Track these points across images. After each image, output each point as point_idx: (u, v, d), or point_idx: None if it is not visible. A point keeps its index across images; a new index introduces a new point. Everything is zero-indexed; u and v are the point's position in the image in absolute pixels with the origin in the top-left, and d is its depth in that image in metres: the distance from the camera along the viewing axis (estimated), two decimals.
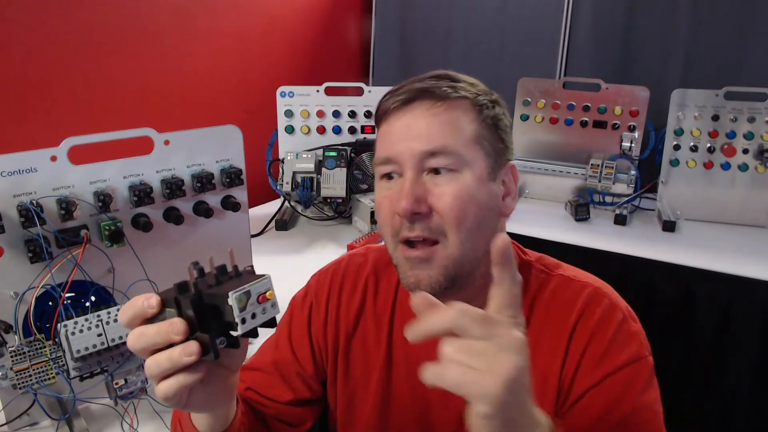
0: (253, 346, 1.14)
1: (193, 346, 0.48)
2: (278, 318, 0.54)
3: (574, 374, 0.70)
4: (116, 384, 0.85)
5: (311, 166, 1.76)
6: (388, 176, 0.70)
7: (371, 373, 0.81)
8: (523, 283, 0.72)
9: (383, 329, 0.80)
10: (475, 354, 0.45)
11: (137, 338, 0.50)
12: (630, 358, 0.69)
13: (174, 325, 0.48)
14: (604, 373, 0.68)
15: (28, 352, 0.82)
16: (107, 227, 0.88)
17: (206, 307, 0.49)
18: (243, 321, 0.48)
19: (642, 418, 0.67)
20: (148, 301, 0.50)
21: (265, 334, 1.14)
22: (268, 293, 0.51)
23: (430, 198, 0.66)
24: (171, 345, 0.49)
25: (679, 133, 1.86)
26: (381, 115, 0.72)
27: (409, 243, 0.68)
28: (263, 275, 0.52)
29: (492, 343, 0.46)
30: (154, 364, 0.49)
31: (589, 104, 2.02)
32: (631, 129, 1.97)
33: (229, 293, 0.47)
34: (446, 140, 0.67)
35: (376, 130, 0.75)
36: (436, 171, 0.67)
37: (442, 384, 0.46)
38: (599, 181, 1.92)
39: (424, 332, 0.48)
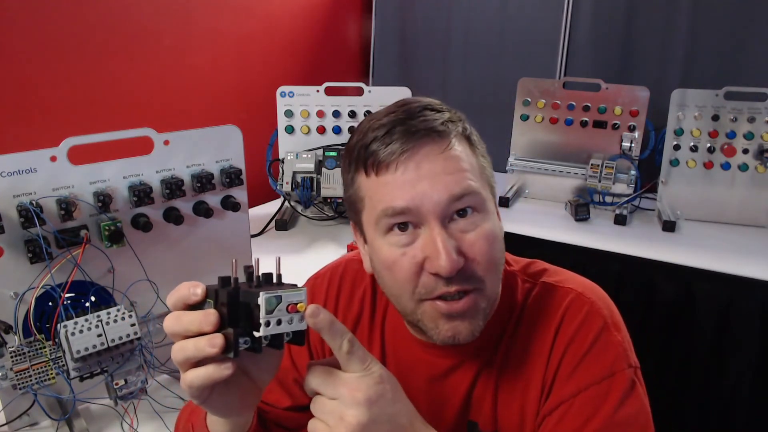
0: None
1: (218, 338, 0.49)
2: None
3: (551, 384, 0.68)
4: (116, 384, 0.85)
5: (311, 166, 1.76)
6: (398, 227, 0.63)
7: None
8: (509, 294, 0.73)
9: (376, 342, 0.80)
10: (326, 412, 0.54)
11: (174, 321, 0.51)
12: (605, 372, 0.66)
13: (207, 316, 0.50)
14: (577, 387, 0.66)
15: (28, 352, 0.81)
16: (107, 227, 0.88)
17: (240, 304, 0.50)
18: (267, 323, 0.49)
19: None
20: (194, 288, 0.52)
21: None
22: (299, 305, 0.50)
23: (463, 247, 0.61)
24: (200, 335, 0.50)
25: (679, 133, 1.86)
26: (372, 166, 0.63)
27: (443, 297, 0.63)
28: (302, 288, 0.51)
29: (339, 401, 0.54)
30: (179, 348, 0.51)
31: (589, 104, 2.02)
32: (631, 129, 1.97)
33: (261, 293, 0.48)
34: (468, 180, 0.62)
35: (356, 179, 0.66)
36: (457, 215, 0.62)
37: None
38: (599, 181, 1.92)
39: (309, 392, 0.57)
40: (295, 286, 0.52)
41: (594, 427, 0.65)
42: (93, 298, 0.88)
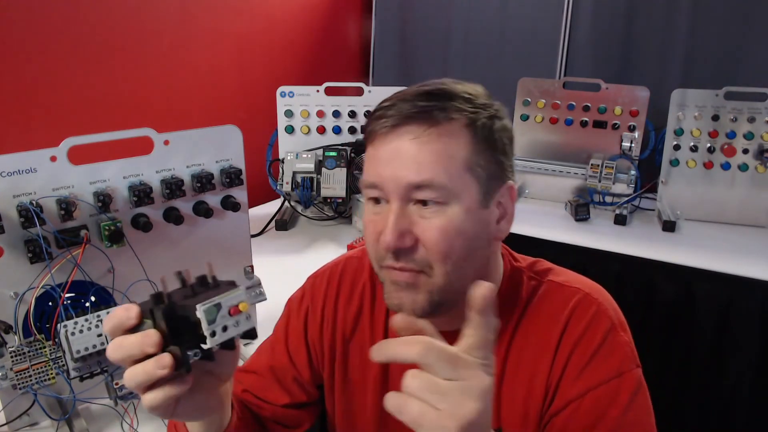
0: (251, 346, 1.14)
1: (166, 358, 0.47)
2: (259, 328, 0.53)
3: (557, 383, 0.69)
4: (116, 384, 0.85)
5: (311, 166, 1.76)
6: (375, 200, 0.68)
7: (368, 378, 0.80)
8: (514, 291, 0.74)
9: (379, 334, 0.80)
10: (438, 393, 0.46)
11: (115, 349, 0.49)
12: (614, 372, 0.67)
13: (148, 337, 0.48)
14: (586, 387, 0.67)
15: (28, 352, 0.81)
16: (107, 227, 0.88)
17: (179, 318, 0.48)
18: (213, 334, 0.47)
19: None
20: (128, 311, 0.49)
21: (263, 334, 1.14)
22: (240, 305, 0.49)
23: (415, 229, 0.63)
24: (149, 356, 0.48)
25: (679, 133, 1.86)
26: (369, 136, 0.68)
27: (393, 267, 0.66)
28: (237, 287, 0.50)
29: (457, 385, 0.46)
30: (130, 375, 0.49)
31: (589, 104, 2.02)
32: (631, 129, 1.97)
33: (197, 306, 0.46)
34: (434, 173, 0.62)
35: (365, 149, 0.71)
36: (421, 201, 0.64)
37: (400, 417, 0.46)
38: (599, 181, 1.92)
39: (388, 358, 0.49)
40: (232, 284, 0.51)
41: (604, 427, 0.65)
42: (93, 298, 0.88)
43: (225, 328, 0.48)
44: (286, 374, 0.83)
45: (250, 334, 0.51)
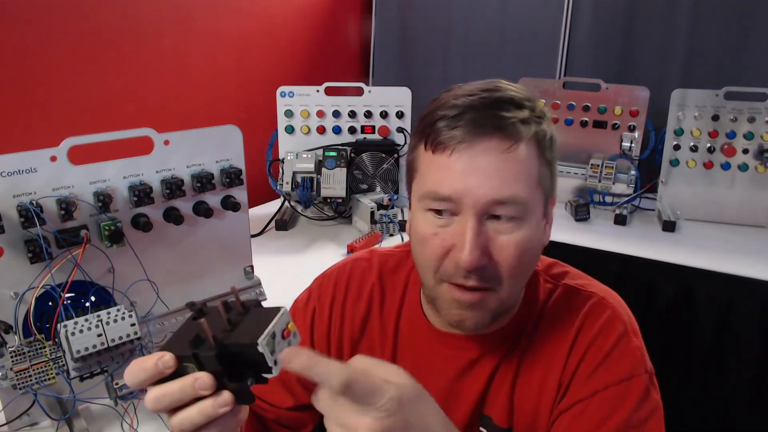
0: None
1: (227, 397, 0.46)
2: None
3: (569, 383, 0.69)
4: (116, 384, 0.85)
5: (311, 166, 1.76)
6: (438, 212, 0.64)
7: None
8: (531, 293, 0.74)
9: (388, 337, 0.79)
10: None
11: (159, 399, 0.47)
12: (624, 375, 0.67)
13: (201, 381, 0.46)
14: (595, 388, 0.67)
15: (28, 352, 0.81)
16: (107, 227, 0.88)
17: (232, 356, 0.46)
18: (275, 362, 0.46)
19: None
20: (163, 361, 0.46)
21: None
22: (290, 325, 0.48)
23: (491, 247, 0.62)
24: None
25: (679, 133, 1.86)
26: (435, 143, 0.63)
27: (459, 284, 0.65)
28: (278, 308, 0.48)
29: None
30: (186, 420, 0.47)
31: (589, 104, 2.02)
32: (631, 129, 1.97)
33: (258, 341, 0.45)
34: (518, 189, 0.61)
35: (418, 146, 0.67)
36: (497, 218, 0.62)
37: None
38: (599, 181, 1.92)
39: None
40: (259, 304, 0.50)
41: (609, 427, 0.65)
42: (93, 298, 0.88)
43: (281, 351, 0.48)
44: (290, 375, 0.82)
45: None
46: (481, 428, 0.75)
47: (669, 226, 1.82)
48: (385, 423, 0.46)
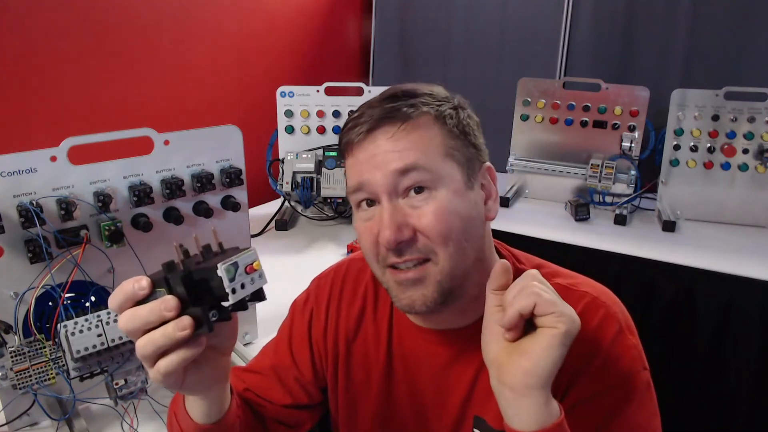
0: (254, 347, 1.14)
1: (186, 320, 0.49)
2: (267, 290, 0.56)
3: (567, 386, 0.68)
4: (116, 384, 0.85)
5: (311, 166, 1.76)
6: (365, 203, 0.69)
7: (372, 377, 0.80)
8: None
9: (383, 334, 0.80)
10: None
11: (130, 319, 0.50)
12: (622, 374, 0.68)
13: (166, 302, 0.49)
14: (595, 389, 0.67)
15: (28, 352, 0.82)
16: (107, 227, 0.88)
17: (196, 282, 0.51)
18: (233, 291, 0.50)
19: None
20: (139, 283, 0.51)
21: (263, 333, 1.14)
22: (255, 264, 0.53)
23: (410, 220, 0.65)
24: (162, 324, 0.50)
25: (679, 133, 1.86)
26: (345, 148, 0.70)
27: (396, 266, 0.67)
28: (248, 248, 0.54)
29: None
30: (148, 342, 0.50)
31: (589, 104, 2.02)
32: (631, 129, 1.97)
33: (218, 265, 0.50)
34: (416, 157, 0.65)
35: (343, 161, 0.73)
36: (410, 191, 0.65)
37: (538, 299, 0.55)
38: (599, 181, 1.92)
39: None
40: (237, 249, 0.55)
41: (613, 428, 0.66)
42: (93, 298, 0.88)
43: (243, 286, 0.52)
44: (288, 374, 0.83)
45: (260, 296, 0.54)
46: (475, 429, 0.74)
47: (669, 226, 1.82)
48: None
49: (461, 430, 0.75)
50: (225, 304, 0.51)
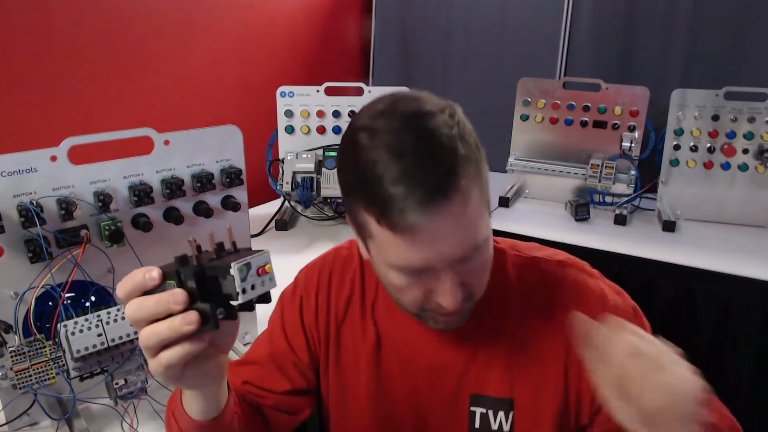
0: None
1: (193, 315, 0.50)
2: (273, 294, 0.56)
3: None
4: (116, 384, 0.85)
5: (311, 166, 1.76)
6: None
7: (361, 361, 0.82)
8: (498, 270, 0.77)
9: (369, 318, 0.83)
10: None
11: (137, 308, 0.51)
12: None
13: (175, 295, 0.50)
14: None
15: (28, 352, 0.82)
16: (107, 227, 0.88)
17: (207, 278, 0.51)
18: (243, 291, 0.51)
19: None
20: (150, 273, 0.51)
21: (263, 329, 1.14)
22: (267, 266, 0.53)
23: (466, 280, 0.66)
24: (169, 316, 0.50)
25: (679, 133, 1.86)
26: (393, 223, 0.59)
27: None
28: (262, 250, 0.54)
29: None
30: (153, 333, 0.50)
31: (589, 104, 2.02)
32: (631, 129, 1.97)
33: (232, 264, 0.50)
34: (477, 235, 0.63)
35: (361, 211, 0.63)
36: (467, 259, 0.64)
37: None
38: (599, 181, 1.92)
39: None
40: (249, 249, 0.55)
41: None
42: (93, 298, 0.88)
43: (253, 287, 0.52)
44: (286, 359, 0.84)
45: (266, 298, 0.54)
46: (473, 408, 0.77)
47: (669, 226, 1.82)
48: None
49: (456, 407, 0.78)
50: (234, 303, 0.51)
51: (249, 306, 0.53)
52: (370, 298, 0.83)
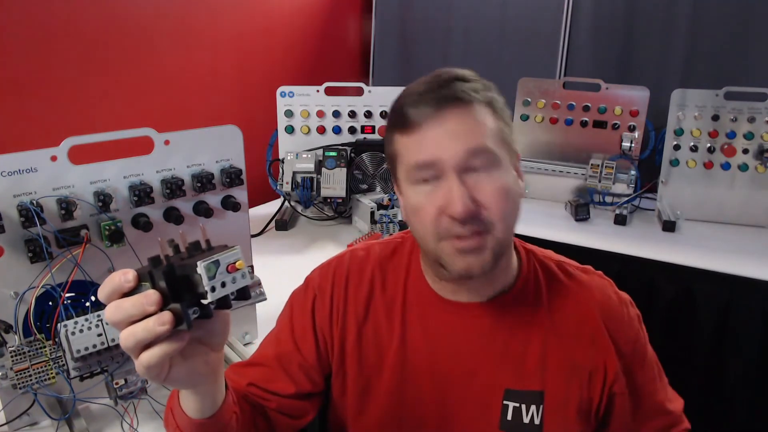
0: (254, 347, 1.13)
1: (166, 315, 0.50)
2: (259, 295, 0.56)
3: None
4: (116, 384, 0.85)
5: (311, 166, 1.76)
6: (425, 180, 0.73)
7: (385, 356, 0.82)
8: (531, 267, 0.83)
9: (396, 314, 0.83)
10: None
11: (114, 311, 0.51)
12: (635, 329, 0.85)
13: (149, 297, 0.50)
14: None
15: (28, 352, 0.82)
16: (107, 227, 0.88)
17: (178, 278, 0.51)
18: (212, 289, 0.50)
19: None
20: (125, 275, 0.52)
21: (263, 334, 1.14)
22: (237, 263, 0.52)
23: (476, 195, 0.70)
24: (145, 317, 0.51)
25: (679, 133, 1.86)
26: (407, 125, 0.73)
27: (458, 236, 0.72)
28: (233, 247, 0.53)
29: None
30: (129, 334, 0.51)
31: (589, 104, 2.02)
32: (631, 129, 1.97)
33: (198, 262, 0.50)
34: (484, 141, 0.71)
35: (393, 137, 0.76)
36: (474, 170, 0.71)
37: None
38: (599, 181, 1.92)
39: None
40: (225, 246, 0.54)
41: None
42: (93, 298, 0.88)
43: (223, 284, 0.51)
44: (291, 361, 0.84)
45: (244, 294, 0.54)
46: (506, 402, 0.79)
47: (669, 226, 1.82)
48: None
49: (489, 402, 0.79)
50: (204, 301, 0.51)
51: (225, 303, 0.53)
52: (398, 298, 0.83)
